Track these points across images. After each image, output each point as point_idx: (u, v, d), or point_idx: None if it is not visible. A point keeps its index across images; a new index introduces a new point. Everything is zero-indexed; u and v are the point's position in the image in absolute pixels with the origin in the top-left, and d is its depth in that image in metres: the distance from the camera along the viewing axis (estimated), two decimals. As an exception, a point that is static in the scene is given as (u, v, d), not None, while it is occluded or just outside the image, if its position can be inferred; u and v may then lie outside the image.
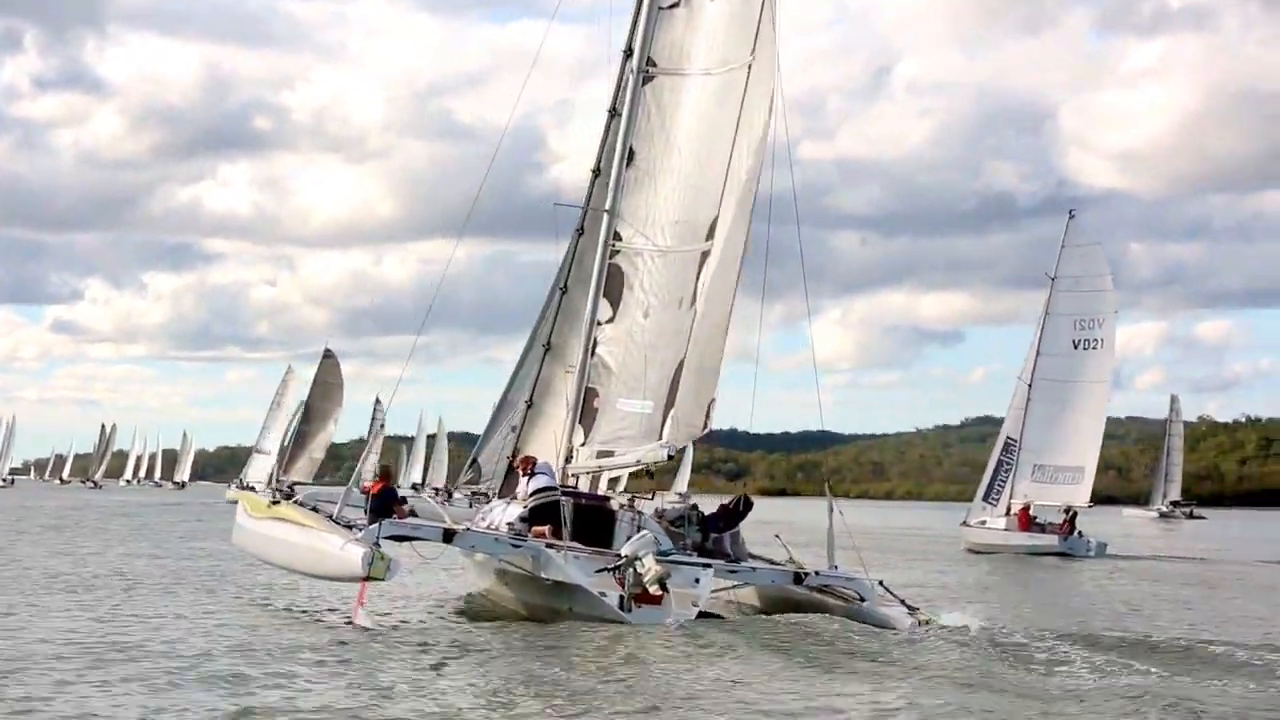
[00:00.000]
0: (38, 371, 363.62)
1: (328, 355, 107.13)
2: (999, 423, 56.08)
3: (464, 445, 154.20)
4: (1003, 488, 52.29)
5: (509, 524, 22.80)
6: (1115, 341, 51.25)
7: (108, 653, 17.17)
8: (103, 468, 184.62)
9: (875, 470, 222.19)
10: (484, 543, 21.73)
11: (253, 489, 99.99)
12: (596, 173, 24.97)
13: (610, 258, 24.14)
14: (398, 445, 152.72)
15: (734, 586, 22.79)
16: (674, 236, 23.71)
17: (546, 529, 22.17)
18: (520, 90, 26.84)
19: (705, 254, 23.18)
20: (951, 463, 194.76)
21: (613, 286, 24.13)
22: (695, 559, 21.81)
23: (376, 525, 21.00)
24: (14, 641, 18.10)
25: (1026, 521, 50.65)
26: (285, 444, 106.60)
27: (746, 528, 23.31)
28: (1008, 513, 51.45)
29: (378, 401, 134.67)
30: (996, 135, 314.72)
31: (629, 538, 21.92)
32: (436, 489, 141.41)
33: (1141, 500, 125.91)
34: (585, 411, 24.19)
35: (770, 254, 23.68)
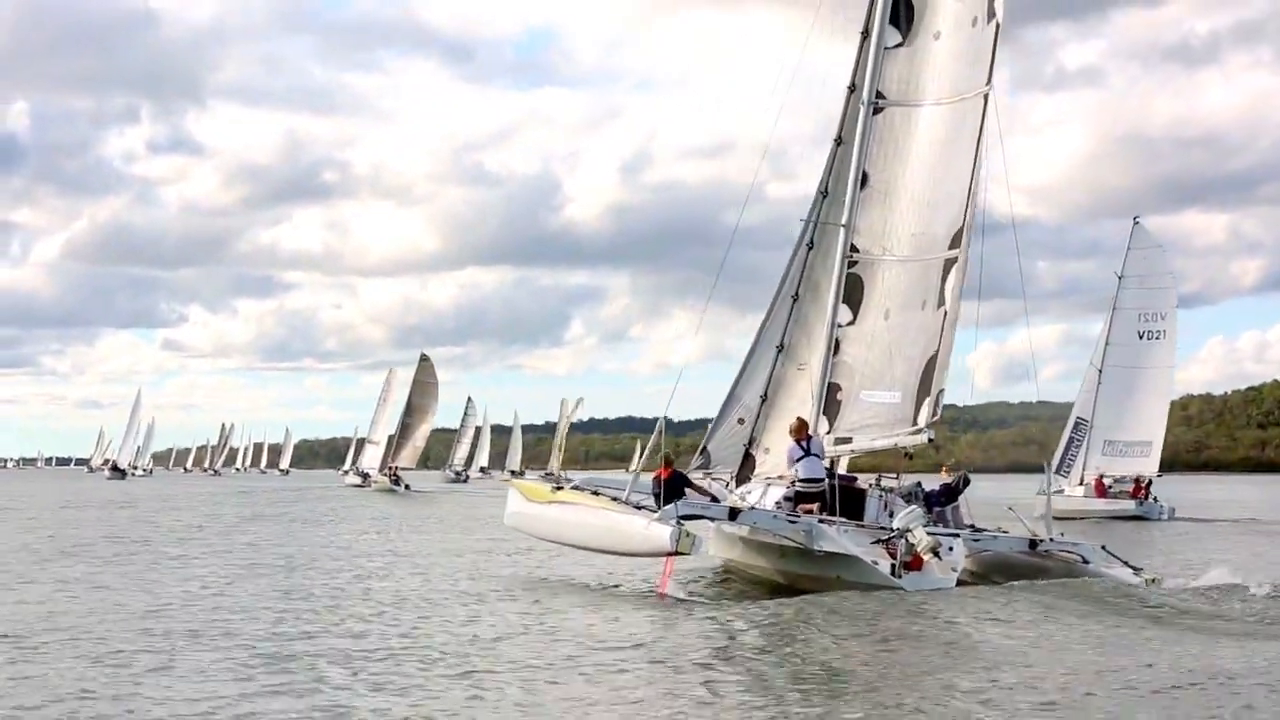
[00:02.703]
0: (152, 382, 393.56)
1: (424, 359, 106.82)
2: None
3: (503, 435, 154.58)
4: (1073, 461, 51.85)
5: (777, 503, 22.56)
6: (1176, 332, 50.77)
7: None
8: (221, 459, 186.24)
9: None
10: (764, 519, 21.36)
11: (384, 475, 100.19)
12: (825, 194, 24.58)
13: (849, 268, 23.78)
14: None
15: (979, 552, 22.39)
16: (911, 247, 23.21)
17: (814, 506, 21.98)
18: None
19: (948, 261, 22.76)
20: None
21: (852, 293, 23.72)
22: (946, 530, 21.50)
23: (673, 506, 20.61)
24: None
25: (1102, 489, 50.28)
26: (393, 435, 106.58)
27: None
28: (1081, 482, 51.09)
29: (469, 400, 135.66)
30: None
31: (891, 513, 21.67)
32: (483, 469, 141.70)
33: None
34: (829, 403, 23.84)
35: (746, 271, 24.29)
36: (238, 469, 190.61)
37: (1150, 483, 50.14)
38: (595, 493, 22.68)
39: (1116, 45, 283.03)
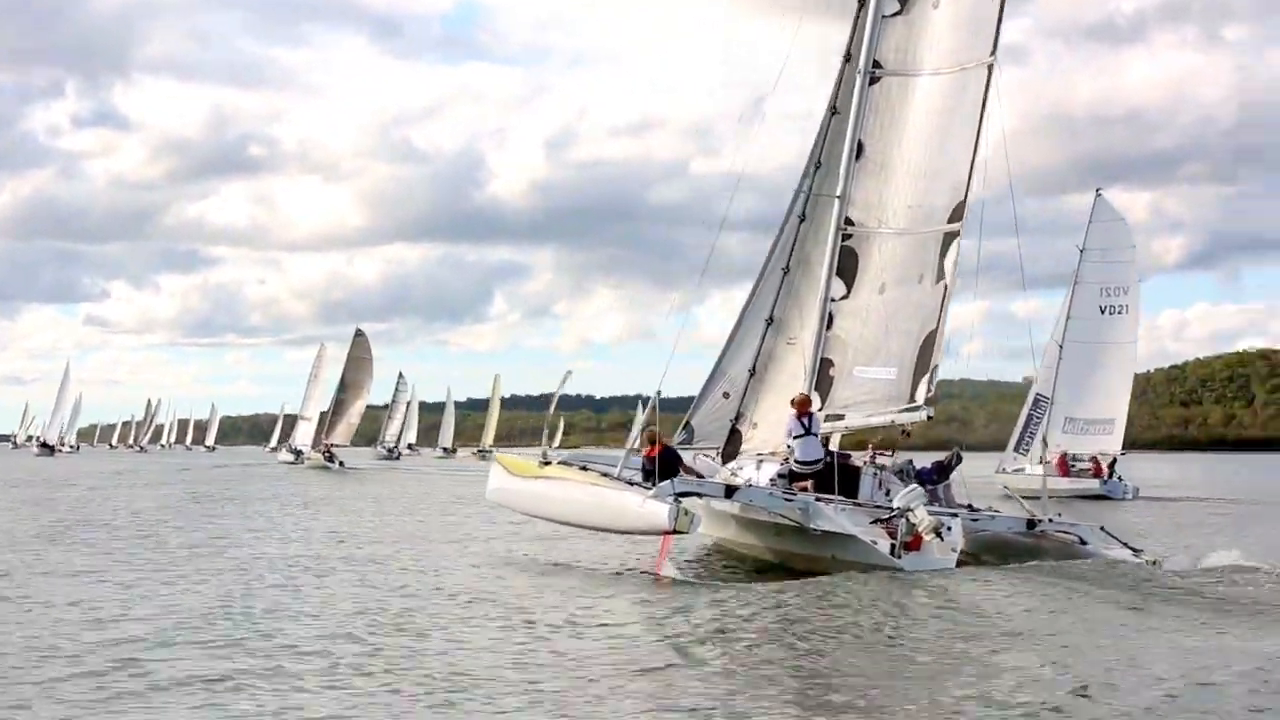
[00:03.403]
0: (74, 358, 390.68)
1: (359, 334, 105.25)
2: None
3: (433, 412, 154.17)
4: (1032, 439, 51.64)
5: (772, 479, 22.40)
6: (1140, 307, 50.67)
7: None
8: (147, 435, 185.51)
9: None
10: (760, 497, 21.18)
11: (298, 452, 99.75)
12: (818, 165, 24.37)
13: (843, 241, 23.61)
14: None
15: (976, 532, 22.33)
16: (908, 220, 23.06)
17: (809, 484, 21.83)
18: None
19: (948, 235, 22.63)
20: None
21: (846, 266, 23.56)
22: (944, 509, 21.42)
23: (668, 482, 20.26)
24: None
25: (1065, 467, 50.26)
26: (325, 411, 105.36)
27: None
28: (1042, 460, 50.98)
29: (400, 376, 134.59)
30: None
31: (887, 491, 21.61)
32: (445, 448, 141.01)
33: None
34: (821, 379, 23.69)
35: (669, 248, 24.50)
36: (163, 445, 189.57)
37: (1115, 461, 50.22)
38: (584, 468, 22.39)
39: (1042, 22, 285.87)
